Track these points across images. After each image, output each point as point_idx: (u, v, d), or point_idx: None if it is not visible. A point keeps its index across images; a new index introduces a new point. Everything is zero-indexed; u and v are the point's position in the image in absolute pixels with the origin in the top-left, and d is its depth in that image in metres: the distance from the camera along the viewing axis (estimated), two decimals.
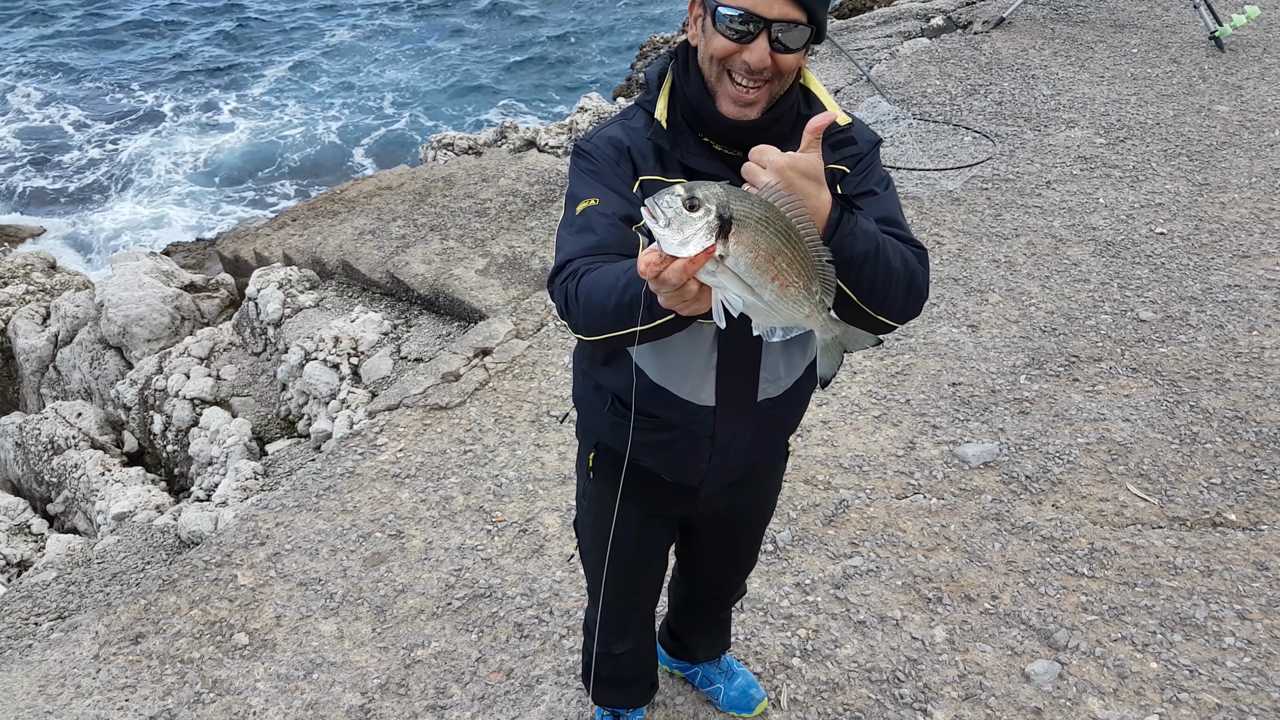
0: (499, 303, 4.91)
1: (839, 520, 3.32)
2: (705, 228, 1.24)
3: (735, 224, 1.26)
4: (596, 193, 1.65)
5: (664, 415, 1.83)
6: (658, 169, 1.66)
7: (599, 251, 1.59)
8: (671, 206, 1.24)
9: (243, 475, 4.32)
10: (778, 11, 1.52)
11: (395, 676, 2.90)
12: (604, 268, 1.54)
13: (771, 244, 1.29)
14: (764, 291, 1.32)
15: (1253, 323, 4.18)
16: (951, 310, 4.41)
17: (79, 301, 6.41)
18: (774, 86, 1.59)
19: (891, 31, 8.03)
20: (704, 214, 1.24)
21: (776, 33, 1.53)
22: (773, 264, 1.30)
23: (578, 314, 1.57)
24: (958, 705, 2.68)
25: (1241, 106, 6.12)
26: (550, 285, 1.65)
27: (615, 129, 1.72)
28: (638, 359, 1.79)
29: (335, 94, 14.94)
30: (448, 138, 8.07)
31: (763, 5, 1.52)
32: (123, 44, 16.76)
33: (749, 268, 1.29)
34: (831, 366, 1.54)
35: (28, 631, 3.41)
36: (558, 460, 3.73)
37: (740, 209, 1.26)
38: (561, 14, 17.79)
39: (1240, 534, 3.17)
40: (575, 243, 1.62)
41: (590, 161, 1.69)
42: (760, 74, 1.56)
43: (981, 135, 5.99)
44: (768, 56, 1.54)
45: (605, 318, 1.51)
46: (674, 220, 1.24)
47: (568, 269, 1.60)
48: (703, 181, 1.28)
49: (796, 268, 1.33)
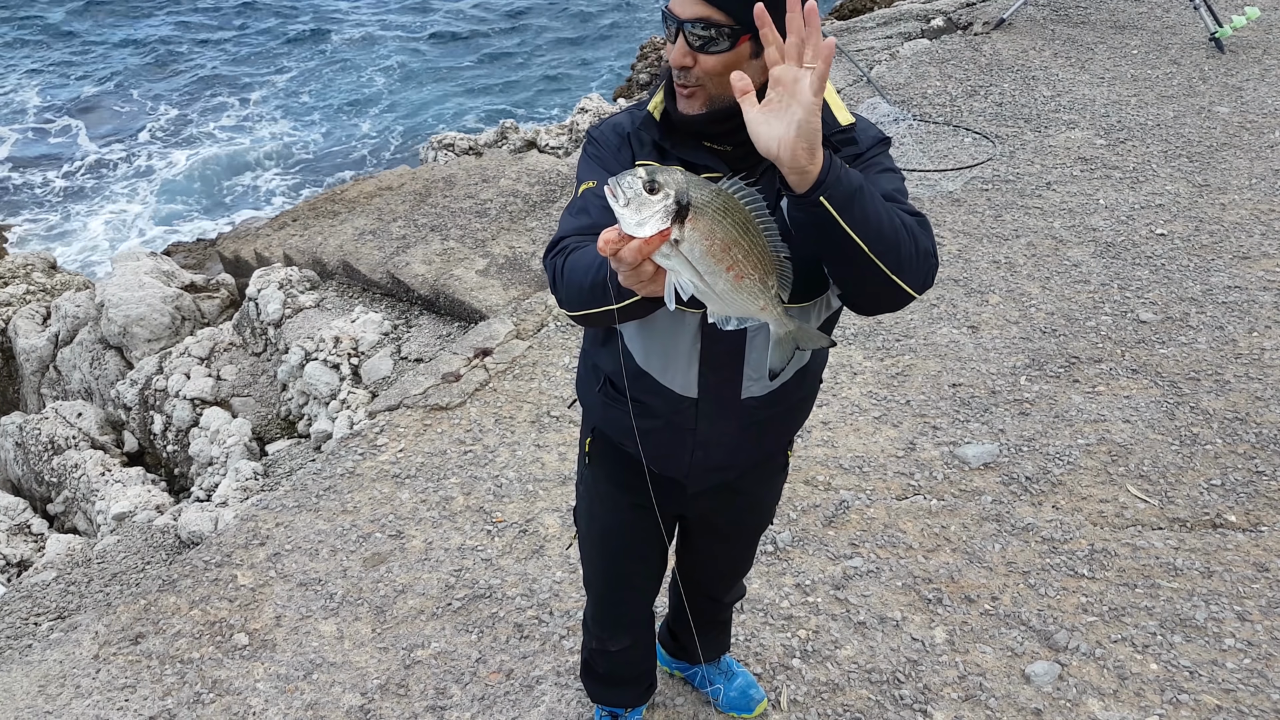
0: (499, 303, 4.91)
1: (839, 521, 3.33)
2: (662, 211, 1.28)
3: (693, 211, 1.29)
4: (597, 176, 1.71)
5: (648, 401, 1.86)
6: (655, 157, 1.70)
7: (591, 231, 1.63)
8: (632, 187, 1.28)
9: (243, 475, 4.32)
10: (689, 12, 1.53)
11: (395, 677, 2.90)
12: (589, 246, 1.59)
13: (728, 234, 1.32)
14: (718, 280, 1.35)
15: (1253, 324, 4.18)
16: (952, 311, 4.41)
17: (79, 301, 6.41)
18: (709, 88, 1.59)
19: (892, 32, 8.04)
20: (663, 197, 1.28)
21: (690, 33, 1.54)
22: (728, 254, 1.33)
23: (562, 288, 1.64)
24: (958, 706, 2.68)
25: (1242, 108, 6.12)
26: (544, 260, 1.72)
27: (623, 116, 1.77)
28: (627, 341, 1.83)
29: (335, 94, 14.94)
30: (448, 138, 8.07)
31: (677, 4, 1.55)
32: (124, 46, 16.76)
33: (703, 255, 1.32)
34: (782, 360, 1.58)
35: (27, 631, 3.41)
36: (558, 461, 3.73)
37: (699, 197, 1.30)
38: (562, 14, 17.80)
39: (1240, 535, 3.17)
40: (571, 222, 1.70)
41: (596, 147, 1.76)
42: (684, 75, 1.58)
43: (982, 136, 5.99)
44: (684, 56, 1.56)
45: (582, 294, 1.58)
46: (633, 200, 1.28)
47: (560, 245, 1.67)
48: (667, 166, 1.31)
49: (753, 260, 1.36)
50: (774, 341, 1.54)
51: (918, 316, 4.38)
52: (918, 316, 4.38)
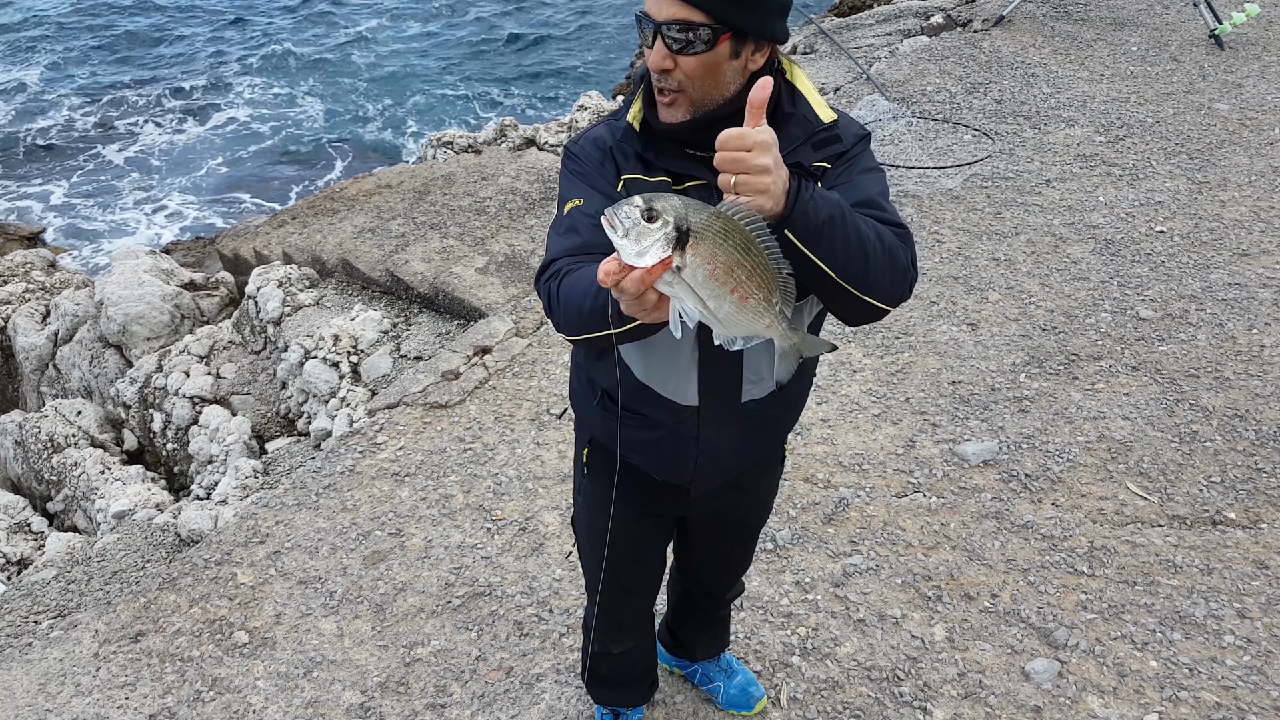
0: (499, 301, 4.91)
1: (839, 518, 3.33)
2: (662, 239, 1.25)
3: (693, 236, 1.27)
4: (582, 193, 1.66)
5: (649, 414, 1.84)
6: (639, 168, 1.66)
7: (583, 252, 1.60)
8: (630, 217, 1.25)
9: (242, 473, 4.32)
10: (667, 13, 1.49)
11: (395, 675, 2.90)
12: (584, 269, 1.55)
13: (730, 257, 1.30)
14: (723, 303, 1.33)
15: (1252, 321, 4.18)
16: (951, 308, 4.40)
17: (79, 300, 6.41)
18: (690, 91, 1.56)
19: (891, 29, 8.03)
20: (661, 225, 1.25)
21: (667, 35, 1.50)
22: (731, 276, 1.31)
23: (558, 314, 1.59)
24: (957, 704, 2.68)
25: (1241, 104, 6.12)
26: (536, 284, 1.67)
27: (601, 129, 1.73)
28: (624, 356, 1.80)
29: (335, 92, 14.93)
30: (447, 136, 8.06)
31: (653, 6, 1.51)
32: (124, 44, 16.74)
33: (707, 279, 1.30)
34: (788, 372, 1.57)
35: (28, 630, 3.41)
36: (557, 458, 3.73)
37: (698, 221, 1.27)
38: (562, 11, 17.78)
39: (1240, 532, 3.17)
40: (561, 243, 1.65)
41: (577, 163, 1.71)
42: (664, 79, 1.54)
43: (981, 133, 5.98)
44: (664, 59, 1.52)
45: (581, 319, 1.53)
46: (632, 231, 1.25)
47: (551, 268, 1.62)
48: (662, 193, 1.28)
49: (756, 279, 1.34)
50: (779, 355, 1.52)
51: (917, 314, 4.38)
52: (917, 314, 4.38)
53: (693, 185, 1.63)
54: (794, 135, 1.63)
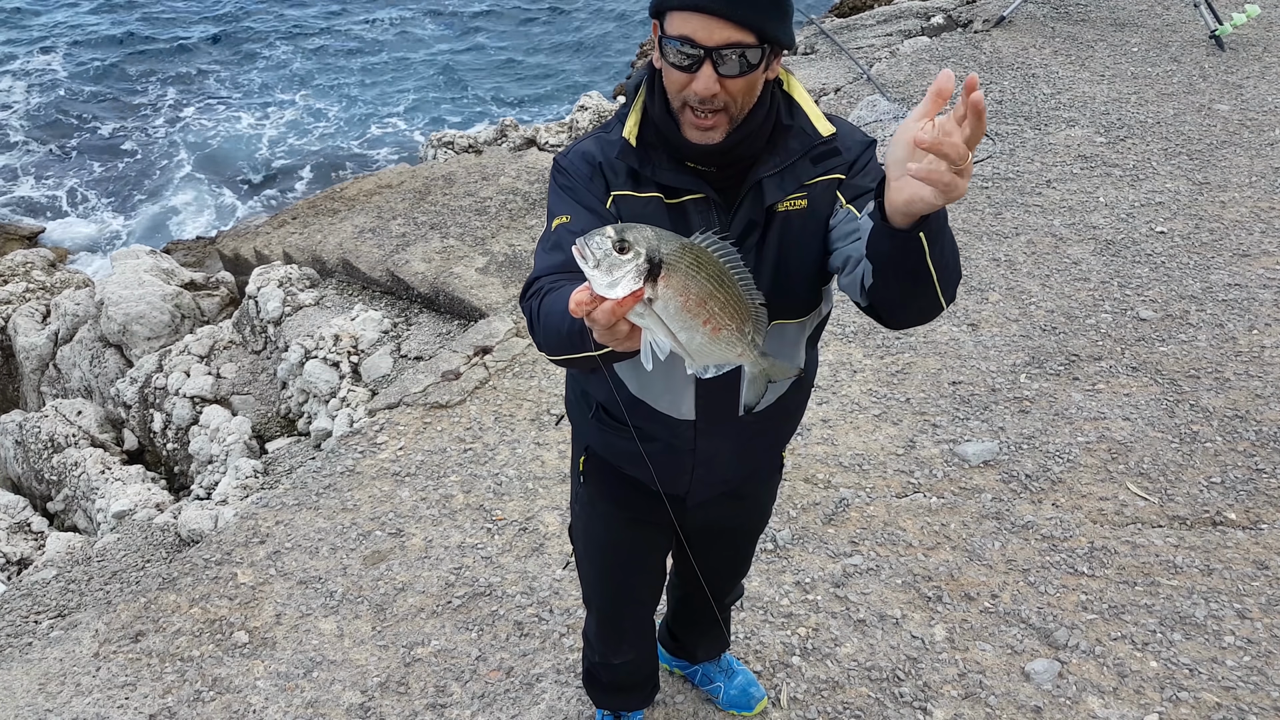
0: (499, 301, 4.91)
1: (839, 519, 3.33)
2: (634, 270, 1.23)
3: (665, 268, 1.25)
4: (569, 210, 1.63)
5: (645, 427, 1.83)
6: (630, 184, 1.64)
7: (566, 270, 1.56)
8: (601, 248, 1.23)
9: (243, 473, 4.32)
10: (719, 38, 1.46)
11: (395, 675, 2.90)
12: (565, 289, 1.51)
13: (703, 289, 1.28)
14: (695, 335, 1.31)
15: (1253, 321, 4.18)
16: (951, 309, 4.40)
17: (79, 299, 6.41)
18: (732, 110, 1.54)
19: (892, 30, 8.03)
20: (633, 257, 1.23)
21: (720, 60, 1.47)
22: (704, 308, 1.30)
23: (540, 334, 1.56)
24: (957, 704, 2.68)
25: (1242, 105, 6.11)
26: (520, 302, 1.65)
27: (590, 143, 1.69)
28: (620, 372, 1.78)
29: (335, 92, 14.93)
30: (448, 136, 8.07)
31: (702, 32, 1.45)
32: (124, 44, 16.74)
33: (678, 311, 1.28)
34: (757, 396, 1.58)
35: (28, 629, 3.41)
36: (558, 459, 3.73)
37: (670, 253, 1.25)
38: (562, 11, 17.78)
39: (1240, 533, 3.17)
40: (545, 260, 1.62)
41: (566, 177, 1.68)
42: (710, 102, 1.51)
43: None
44: (714, 84, 1.49)
45: (561, 341, 1.50)
46: (603, 261, 1.23)
47: (534, 287, 1.59)
48: (634, 224, 1.27)
49: (729, 311, 1.32)
50: (749, 380, 1.52)
51: None
52: None
53: (690, 199, 1.62)
54: (792, 149, 1.62)
